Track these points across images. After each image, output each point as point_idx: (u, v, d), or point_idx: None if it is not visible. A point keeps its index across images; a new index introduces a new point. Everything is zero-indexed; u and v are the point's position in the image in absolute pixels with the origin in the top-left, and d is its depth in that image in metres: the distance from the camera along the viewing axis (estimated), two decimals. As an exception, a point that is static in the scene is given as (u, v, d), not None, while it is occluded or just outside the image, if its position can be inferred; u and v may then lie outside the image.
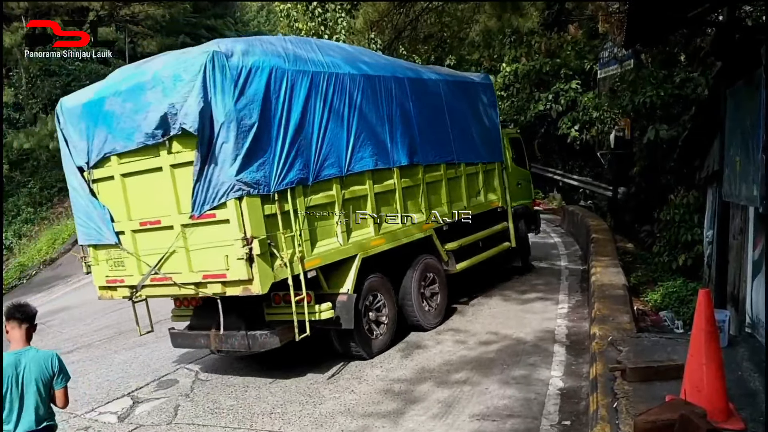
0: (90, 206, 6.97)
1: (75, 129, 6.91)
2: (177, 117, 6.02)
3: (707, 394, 4.50)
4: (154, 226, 6.60)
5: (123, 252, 6.89)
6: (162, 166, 6.38)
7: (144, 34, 36.60)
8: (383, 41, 19.64)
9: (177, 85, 6.01)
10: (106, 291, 7.31)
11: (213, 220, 6.19)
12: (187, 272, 6.51)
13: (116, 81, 6.63)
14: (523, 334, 8.11)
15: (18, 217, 25.93)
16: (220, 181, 6.02)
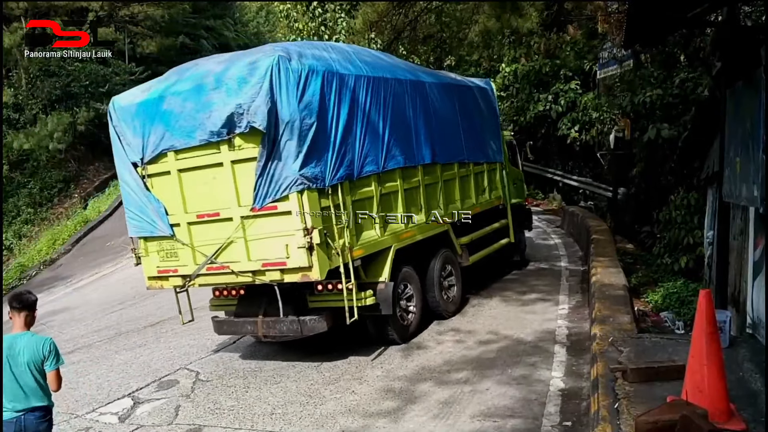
0: (144, 200, 7.28)
1: (128, 126, 7.23)
2: (243, 116, 6.45)
3: (708, 394, 4.50)
4: (212, 219, 6.98)
5: (177, 243, 7.22)
6: (223, 161, 6.76)
7: (143, 34, 36.60)
8: (383, 41, 19.65)
9: (243, 87, 6.45)
10: (156, 281, 7.61)
11: (274, 212, 6.63)
12: (245, 261, 6.90)
13: (173, 82, 7.01)
14: (523, 335, 8.11)
15: (18, 218, 25.94)
16: (283, 175, 6.47)
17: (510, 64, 21.97)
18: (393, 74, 8.14)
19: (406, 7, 20.53)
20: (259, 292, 7.39)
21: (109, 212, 23.90)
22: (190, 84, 6.81)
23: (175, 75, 7.16)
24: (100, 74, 29.29)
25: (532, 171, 22.19)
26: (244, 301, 7.72)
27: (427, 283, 8.72)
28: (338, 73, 7.04)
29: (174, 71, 7.30)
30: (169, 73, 7.32)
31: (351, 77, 7.22)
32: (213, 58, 7.26)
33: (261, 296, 7.44)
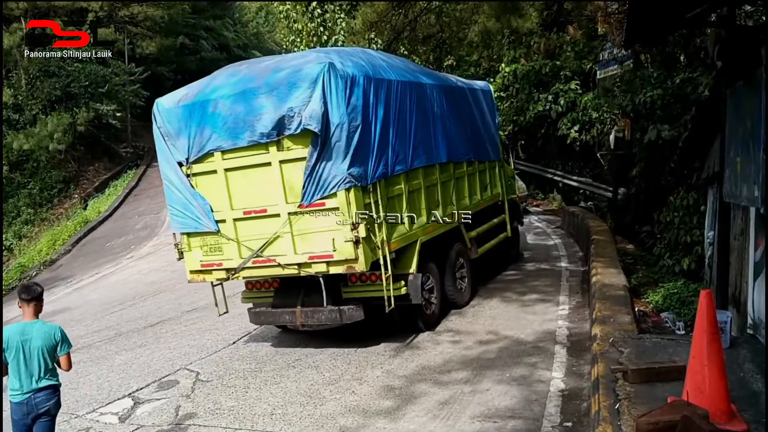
0: (189, 198, 7.63)
1: (174, 128, 7.59)
2: (294, 119, 6.90)
3: (709, 395, 4.50)
4: (258, 215, 7.39)
5: (221, 238, 7.59)
6: (271, 161, 7.18)
7: (143, 35, 36.61)
8: (383, 42, 19.64)
9: (293, 92, 6.89)
10: (198, 274, 7.97)
11: (321, 208, 7.10)
12: (291, 254, 7.33)
13: (220, 86, 7.39)
14: (523, 335, 8.11)
15: (18, 218, 25.94)
16: (332, 174, 6.95)
17: (510, 64, 21.97)
18: (416, 78, 8.68)
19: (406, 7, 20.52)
20: (295, 284, 7.89)
21: (109, 213, 23.92)
22: (239, 88, 7.20)
23: (221, 79, 7.52)
24: (99, 75, 29.28)
25: (531, 171, 22.20)
26: (281, 292, 8.14)
27: (444, 275, 9.16)
28: (375, 78, 7.51)
29: (218, 76, 7.68)
30: (212, 78, 7.73)
31: (385, 82, 7.70)
32: (257, 63, 7.75)
33: (298, 288, 7.91)
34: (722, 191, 7.05)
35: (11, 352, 4.71)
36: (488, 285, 10.83)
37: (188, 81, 28.30)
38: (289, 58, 7.56)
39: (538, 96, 20.50)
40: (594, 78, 19.57)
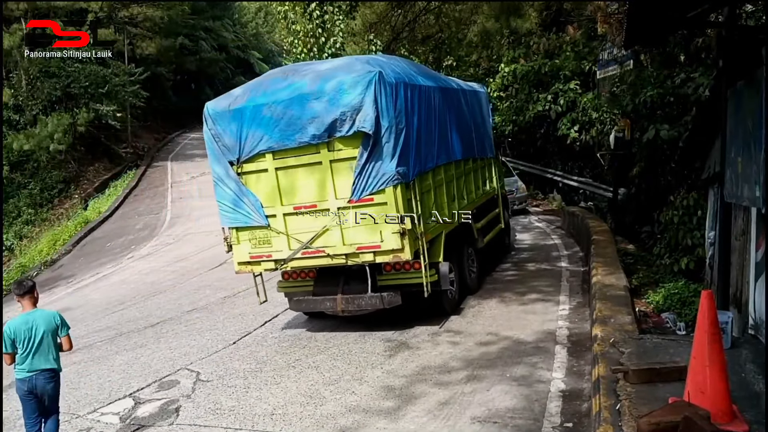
0: (239, 195, 8.18)
1: (224, 130, 8.12)
2: (346, 122, 7.51)
3: (710, 396, 4.49)
4: (308, 210, 7.99)
5: (271, 231, 8.15)
6: (322, 161, 7.79)
7: (143, 35, 36.60)
8: (382, 42, 19.63)
9: (344, 97, 7.49)
10: (246, 266, 8.53)
11: (370, 203, 7.72)
12: (339, 245, 7.93)
13: (270, 91, 7.95)
14: (524, 336, 8.10)
15: (18, 219, 25.94)
16: (381, 172, 7.58)
17: (509, 64, 21.96)
18: (437, 83, 9.53)
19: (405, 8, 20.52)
20: (334, 274, 8.50)
21: (109, 213, 23.92)
22: (291, 94, 7.76)
23: (271, 85, 8.06)
24: (99, 75, 29.27)
25: (531, 171, 22.18)
26: (321, 282, 8.68)
27: (461, 263, 9.81)
28: (411, 84, 8.22)
29: (265, 82, 8.25)
30: (259, 84, 8.31)
31: (417, 87, 8.43)
32: (303, 69, 8.27)
33: (337, 277, 8.52)
34: (723, 191, 7.05)
35: (21, 341, 5.39)
36: (488, 285, 10.83)
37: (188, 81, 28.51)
38: (335, 65, 8.15)
39: (537, 96, 20.48)
40: (594, 78, 19.56)
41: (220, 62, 56.75)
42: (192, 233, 18.91)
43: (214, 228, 18.94)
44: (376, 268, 8.31)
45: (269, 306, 10.48)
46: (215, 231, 18.52)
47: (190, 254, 16.12)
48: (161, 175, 29.98)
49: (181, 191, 25.71)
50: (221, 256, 15.17)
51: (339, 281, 8.52)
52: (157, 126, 43.83)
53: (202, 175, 28.81)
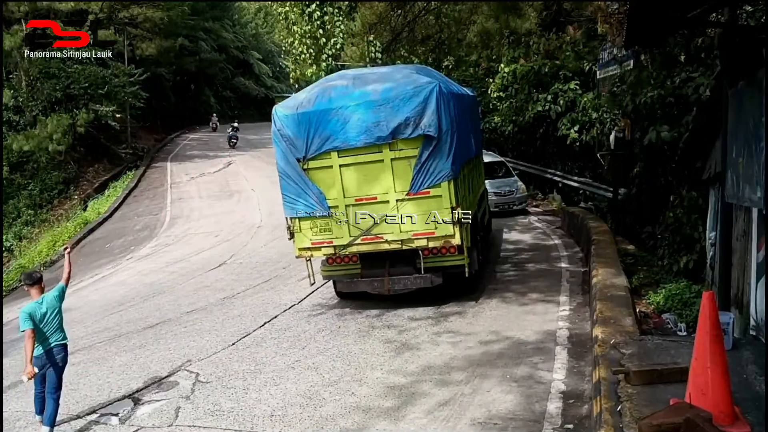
0: (304, 188, 9.22)
1: (292, 131, 9.11)
2: (409, 126, 8.68)
3: (712, 397, 4.47)
4: (369, 201, 9.11)
5: (332, 220, 9.19)
6: (383, 159, 8.93)
7: (142, 36, 36.58)
8: (381, 43, 19.62)
9: (408, 105, 8.67)
10: (306, 251, 9.50)
11: (425, 196, 8.91)
12: (396, 233, 9.07)
13: (337, 98, 9.03)
14: (524, 336, 8.08)
15: (18, 219, 25.88)
16: (438, 169, 8.78)
17: (509, 64, 21.93)
18: (458, 90, 11.03)
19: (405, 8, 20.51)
20: (378, 258, 9.47)
21: (109, 214, 23.87)
22: (357, 101, 8.88)
23: (336, 92, 9.12)
24: (99, 76, 29.23)
25: (531, 171, 22.15)
26: (367, 265, 9.66)
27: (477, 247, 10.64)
28: (451, 93, 9.47)
29: (330, 89, 9.25)
30: (324, 90, 9.27)
31: (454, 95, 9.71)
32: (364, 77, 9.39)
33: (383, 260, 9.50)
34: (724, 192, 7.02)
35: (40, 323, 6.24)
36: (489, 285, 10.81)
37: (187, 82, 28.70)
38: (394, 76, 9.32)
39: (537, 96, 20.44)
40: (594, 78, 19.53)
41: (220, 63, 56.76)
42: (191, 234, 18.88)
43: (214, 229, 18.99)
44: (414, 253, 9.28)
45: (269, 307, 10.47)
46: (214, 232, 18.56)
47: (189, 255, 16.09)
48: (161, 176, 29.94)
49: (180, 192, 25.67)
50: (220, 257, 15.17)
51: (385, 264, 9.51)
52: (156, 127, 43.82)
53: (202, 176, 28.82)
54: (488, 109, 23.79)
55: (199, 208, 22.26)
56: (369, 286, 9.64)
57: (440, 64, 26.68)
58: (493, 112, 23.11)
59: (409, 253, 9.32)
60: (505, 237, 15.07)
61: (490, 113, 23.52)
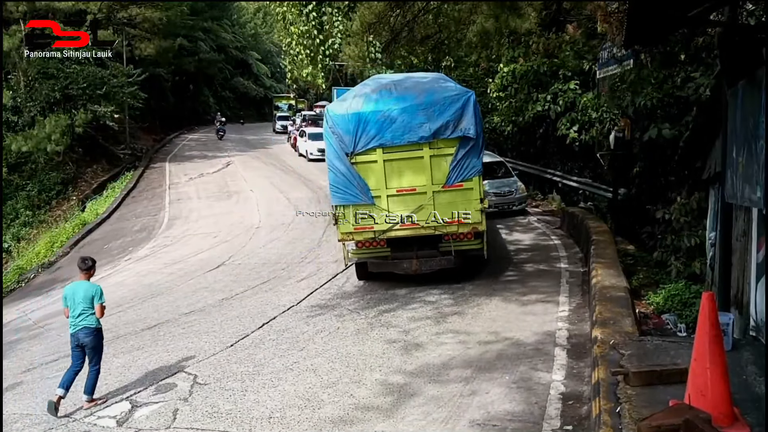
0: (351, 179, 10.40)
1: (342, 128, 10.33)
2: (449, 128, 10.12)
3: (712, 398, 4.45)
4: (408, 193, 10.46)
5: (373, 208, 10.47)
6: (423, 156, 10.30)
7: (141, 36, 36.56)
8: (380, 43, 19.56)
9: (449, 109, 10.11)
10: (349, 235, 10.73)
11: (459, 188, 10.34)
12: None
13: (383, 100, 10.36)
14: (523, 337, 8.05)
15: (16, 220, 25.82)
16: (471, 165, 10.26)
17: (508, 64, 21.89)
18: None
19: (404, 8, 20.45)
20: (407, 243, 10.76)
21: (107, 215, 23.82)
22: (402, 104, 10.24)
23: (381, 97, 10.46)
24: (98, 76, 29.19)
25: (530, 171, 22.13)
26: (397, 248, 10.86)
27: None
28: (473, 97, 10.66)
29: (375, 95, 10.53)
30: (370, 96, 10.53)
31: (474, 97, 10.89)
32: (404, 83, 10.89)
33: (411, 245, 10.77)
34: (724, 192, 6.99)
35: (69, 301, 7.16)
36: (488, 285, 10.78)
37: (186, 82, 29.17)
38: (432, 84, 10.87)
39: (536, 96, 20.40)
40: (593, 78, 19.50)
41: (219, 63, 56.81)
42: (190, 235, 18.84)
43: (212, 229, 18.95)
44: (437, 238, 10.61)
45: (267, 308, 10.45)
46: (213, 232, 18.53)
47: (187, 256, 16.05)
48: (159, 177, 29.90)
49: (179, 192, 25.62)
50: (219, 258, 15.14)
51: (413, 248, 10.75)
52: (155, 127, 43.82)
53: (200, 176, 28.77)
54: (488, 109, 23.75)
55: (197, 209, 22.22)
56: (398, 267, 10.78)
57: (439, 64, 26.64)
58: (493, 112, 23.08)
59: (433, 239, 10.67)
60: (505, 237, 15.05)
61: (490, 113, 23.49)
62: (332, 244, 15.03)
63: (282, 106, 53.79)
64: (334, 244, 14.94)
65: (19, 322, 12.61)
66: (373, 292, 10.87)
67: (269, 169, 28.52)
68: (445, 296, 10.29)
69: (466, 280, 11.05)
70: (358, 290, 11.14)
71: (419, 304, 9.96)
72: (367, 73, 28.17)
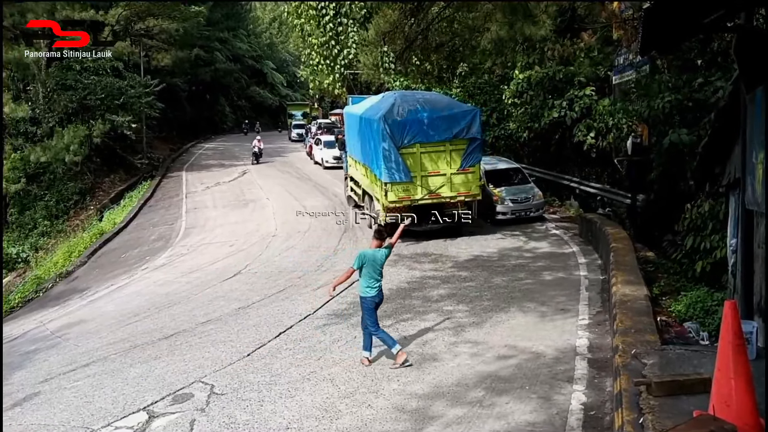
0: (397, 164, 14.66)
1: (393, 130, 14.63)
2: (464, 131, 14.97)
3: (736, 409, 4.36)
4: (435, 174, 15.10)
5: (410, 184, 14.89)
6: (445, 149, 15.07)
7: (158, 47, 36.97)
8: (395, 51, 19.64)
9: (464, 119, 15.03)
10: (393, 203, 14.84)
11: (467, 172, 15.12)
12: (449, 192, 15.08)
13: (419, 110, 15.03)
14: (542, 347, 7.96)
15: (35, 230, 26.13)
16: (475, 157, 15.17)
17: (523, 70, 21.83)
18: None
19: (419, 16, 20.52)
20: (425, 209, 15.00)
21: (124, 224, 24.01)
22: (434, 115, 15.03)
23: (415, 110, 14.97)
24: (115, 87, 29.55)
25: (547, 178, 21.99)
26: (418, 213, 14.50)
27: None
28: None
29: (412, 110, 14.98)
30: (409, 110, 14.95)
31: None
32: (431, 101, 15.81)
33: (426, 211, 14.99)
34: (744, 198, 6.88)
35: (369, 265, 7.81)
36: (506, 294, 10.69)
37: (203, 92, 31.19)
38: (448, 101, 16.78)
39: (552, 102, 20.32)
40: (609, 84, 19.38)
41: (235, 72, 57.24)
42: (206, 244, 18.93)
43: (228, 238, 19.03)
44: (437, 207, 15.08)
45: (284, 317, 10.43)
46: (229, 241, 18.60)
47: (204, 265, 16.12)
48: (176, 186, 30.12)
49: (195, 201, 25.78)
50: (235, 267, 15.18)
51: (428, 214, 15.02)
52: (172, 136, 44.23)
53: (217, 185, 28.94)
54: (503, 116, 23.68)
55: (214, 218, 22.33)
56: (419, 226, 14.71)
57: (454, 71, 26.64)
58: (508, 118, 23.01)
59: (442, 207, 15.12)
60: (522, 244, 14.95)
61: (505, 120, 23.40)
62: (348, 252, 15.02)
63: (296, 114, 54.12)
64: (349, 252, 14.93)
65: (37, 332, 12.71)
66: (390, 302, 10.80)
67: (285, 178, 28.64)
68: (461, 306, 10.21)
69: (482, 287, 10.97)
70: (374, 299, 11.09)
71: (436, 313, 9.89)
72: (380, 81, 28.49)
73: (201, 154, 40.95)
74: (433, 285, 11.59)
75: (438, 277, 12.25)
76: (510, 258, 13.56)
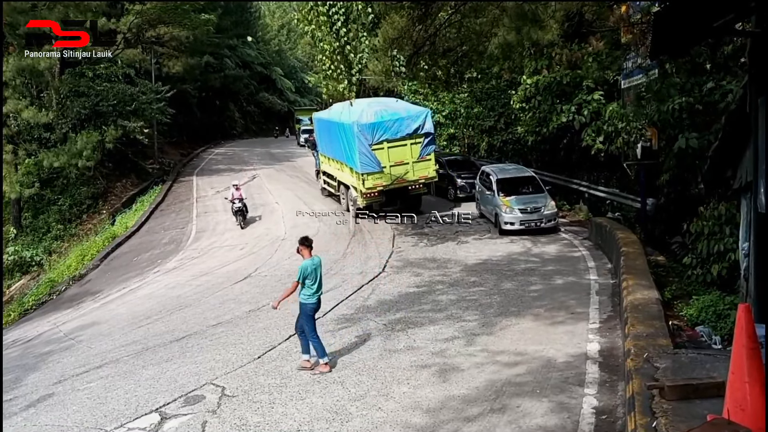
0: (371, 158, 18.00)
1: (363, 131, 17.91)
2: (420, 128, 18.55)
3: (751, 413, 4.33)
4: (400, 163, 18.43)
5: (382, 174, 18.22)
6: (407, 143, 18.50)
7: (169, 54, 37.20)
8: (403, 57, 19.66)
9: (419, 119, 18.71)
10: (370, 189, 18.35)
11: (425, 159, 18.84)
12: (412, 177, 18.66)
13: (383, 113, 18.53)
14: (554, 351, 7.94)
15: (48, 234, 26.37)
16: (430, 148, 18.91)
17: (531, 75, 21.81)
18: None
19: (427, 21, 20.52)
20: (392, 193, 18.82)
21: (136, 228, 24.17)
22: (395, 117, 18.41)
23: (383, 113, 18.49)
24: (127, 93, 29.80)
25: (556, 182, 21.94)
26: (387, 196, 18.83)
27: None
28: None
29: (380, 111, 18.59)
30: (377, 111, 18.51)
31: None
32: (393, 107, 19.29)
33: (394, 195, 18.96)
34: (756, 201, 6.84)
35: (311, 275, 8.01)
36: (516, 298, 10.67)
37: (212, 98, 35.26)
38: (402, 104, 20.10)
39: (561, 107, 20.27)
40: (618, 88, 19.30)
41: (244, 79, 57.55)
42: (216, 247, 19.02)
43: (238, 242, 19.12)
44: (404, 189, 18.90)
45: (293, 319, 10.38)
46: (239, 245, 18.69)
47: (214, 268, 16.20)
48: (187, 190, 30.30)
49: (206, 206, 25.91)
50: (245, 270, 15.24)
51: (395, 196, 18.99)
52: (182, 142, 44.47)
53: (227, 189, 29.01)
54: (511, 120, 23.63)
55: (224, 222, 22.43)
56: (388, 205, 18.93)
57: (462, 76, 26.62)
58: (516, 123, 22.97)
59: (405, 190, 18.91)
60: (529, 248, 14.91)
61: (513, 124, 23.36)
62: (356, 255, 15.05)
63: (304, 120, 54.36)
64: (358, 256, 14.96)
65: (51, 334, 12.83)
66: (399, 305, 10.83)
67: (294, 182, 28.69)
68: (471, 310, 10.21)
69: (492, 292, 10.96)
70: (383, 303, 11.11)
71: (445, 317, 9.89)
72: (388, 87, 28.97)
73: (211, 159, 41.12)
74: (442, 290, 11.58)
75: (446, 282, 12.24)
76: (519, 262, 13.53)
